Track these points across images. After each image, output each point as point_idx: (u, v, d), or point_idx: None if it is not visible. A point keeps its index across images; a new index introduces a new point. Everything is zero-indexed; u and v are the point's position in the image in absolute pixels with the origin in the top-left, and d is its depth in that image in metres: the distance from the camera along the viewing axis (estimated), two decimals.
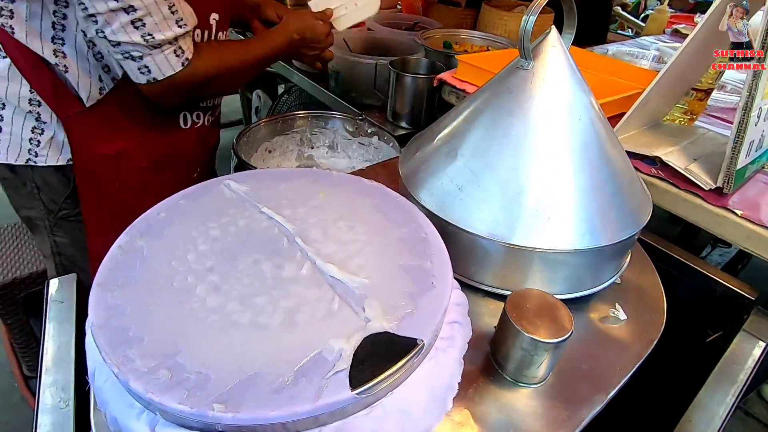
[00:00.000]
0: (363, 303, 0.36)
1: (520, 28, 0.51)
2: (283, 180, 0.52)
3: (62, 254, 0.84)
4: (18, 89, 0.69)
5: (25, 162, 0.74)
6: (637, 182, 0.58)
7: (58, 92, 0.69)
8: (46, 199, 0.78)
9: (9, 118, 0.71)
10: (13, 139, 0.72)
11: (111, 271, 0.37)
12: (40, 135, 0.72)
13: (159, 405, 0.29)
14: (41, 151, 0.74)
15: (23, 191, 0.78)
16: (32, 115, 0.71)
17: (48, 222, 0.81)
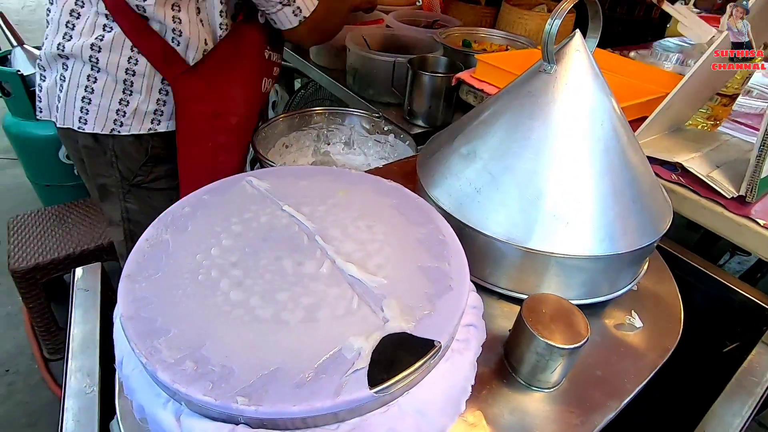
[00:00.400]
0: (381, 303, 0.37)
1: (544, 32, 0.51)
2: (304, 177, 0.53)
3: (131, 220, 0.91)
4: (117, 59, 0.76)
5: (109, 132, 0.81)
6: (657, 189, 0.58)
7: (166, 55, 0.78)
8: (123, 167, 0.85)
9: (100, 90, 0.78)
10: (100, 111, 0.79)
11: (139, 264, 0.39)
12: (126, 106, 0.80)
13: (185, 396, 0.30)
14: (126, 121, 0.81)
15: (102, 159, 0.85)
16: (122, 85, 0.78)
17: (122, 189, 0.87)
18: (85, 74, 0.78)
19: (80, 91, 0.79)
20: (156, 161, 0.87)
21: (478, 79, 1.07)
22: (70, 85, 0.79)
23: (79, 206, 1.60)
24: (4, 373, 1.47)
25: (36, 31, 4.03)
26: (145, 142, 0.84)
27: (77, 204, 1.61)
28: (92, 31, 0.76)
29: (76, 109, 0.80)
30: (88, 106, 0.79)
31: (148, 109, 0.81)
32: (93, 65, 0.77)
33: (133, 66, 0.77)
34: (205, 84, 0.83)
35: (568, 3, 0.50)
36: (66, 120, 0.82)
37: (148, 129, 0.82)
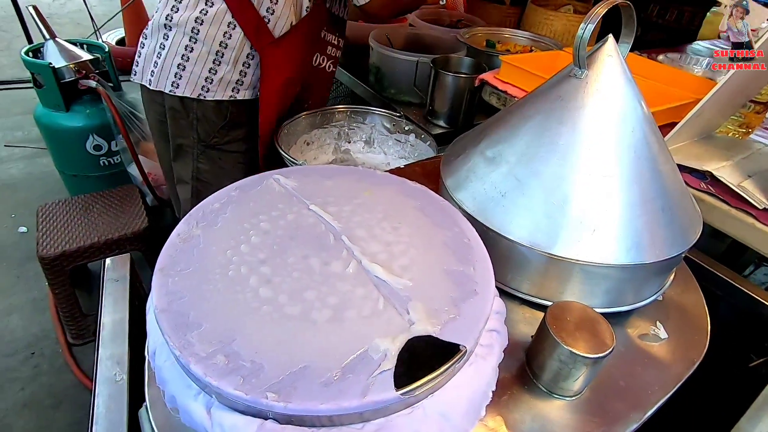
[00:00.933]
0: (407, 305, 0.37)
1: (576, 37, 0.50)
2: (329, 177, 0.53)
3: (200, 179, 1.04)
4: (215, 32, 0.89)
5: (196, 96, 0.93)
6: (688, 198, 0.57)
7: (259, 27, 0.90)
8: (201, 129, 0.98)
9: (195, 59, 0.91)
10: (192, 77, 0.92)
11: (171, 258, 0.40)
12: (214, 75, 0.93)
13: (216, 389, 0.31)
14: (212, 87, 0.93)
15: (184, 122, 0.97)
16: (214, 56, 0.91)
17: (197, 150, 1.00)
18: (184, 44, 0.90)
19: (177, 59, 0.91)
20: (231, 126, 0.99)
21: (501, 81, 1.06)
22: (169, 52, 0.92)
23: (104, 196, 1.65)
24: (30, 356, 1.52)
25: (66, 25, 4.14)
26: (225, 108, 0.96)
27: (102, 194, 1.65)
28: (197, 5, 0.88)
29: (171, 74, 0.92)
30: (182, 72, 0.92)
31: (231, 78, 0.93)
32: (192, 36, 0.89)
33: (226, 40, 0.90)
34: (284, 55, 0.96)
35: (602, 7, 0.49)
36: (159, 83, 0.95)
37: (229, 96, 0.95)
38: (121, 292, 0.56)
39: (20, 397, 1.40)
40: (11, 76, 3.13)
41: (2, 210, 2.09)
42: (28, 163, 2.41)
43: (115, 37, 3.45)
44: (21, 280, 1.78)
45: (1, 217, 2.05)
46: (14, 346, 1.54)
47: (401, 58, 1.24)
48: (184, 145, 1.02)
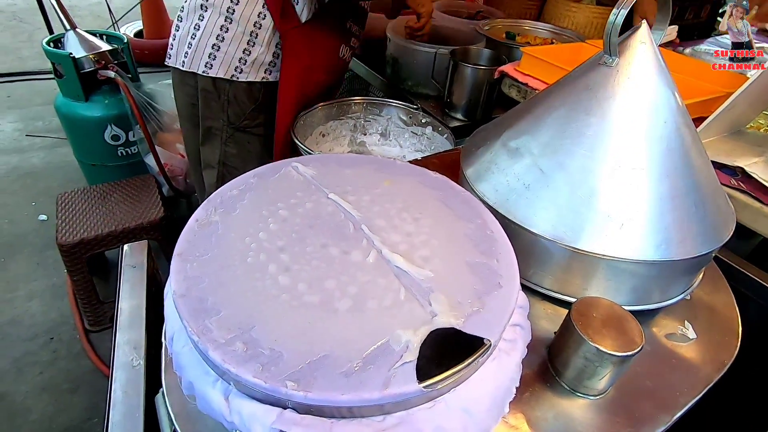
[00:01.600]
0: (429, 296, 0.36)
1: (608, 22, 0.48)
2: (349, 166, 0.52)
3: (226, 164, 1.05)
4: (250, 12, 0.89)
5: (229, 77, 0.94)
6: (721, 194, 0.54)
7: (284, 11, 0.91)
8: (232, 112, 0.98)
9: (230, 39, 0.91)
10: (226, 57, 0.92)
11: (190, 243, 0.39)
12: (248, 56, 0.93)
13: (234, 376, 0.30)
14: (246, 68, 0.94)
15: (216, 104, 0.98)
16: (248, 36, 0.91)
17: (225, 133, 1.01)
18: (219, 24, 0.91)
19: (212, 39, 0.92)
20: (261, 108, 1.00)
21: (522, 73, 1.04)
22: (204, 32, 0.92)
23: (122, 186, 1.67)
24: (49, 341, 1.55)
25: (86, 17, 4.20)
26: (256, 90, 0.97)
27: (120, 183, 1.67)
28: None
29: (205, 55, 0.93)
30: (216, 53, 0.92)
31: (265, 59, 0.94)
32: (227, 17, 0.90)
33: (261, 20, 0.90)
34: (307, 40, 0.95)
35: None
36: (193, 64, 0.96)
37: (261, 78, 0.96)
38: (139, 278, 0.56)
39: (39, 380, 1.43)
40: (33, 67, 3.19)
41: (24, 198, 2.14)
42: (49, 152, 2.45)
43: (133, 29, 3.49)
44: (41, 267, 1.81)
45: (23, 205, 2.10)
46: (34, 331, 1.58)
47: (419, 50, 1.22)
48: (213, 128, 1.03)
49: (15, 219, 2.02)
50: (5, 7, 4.32)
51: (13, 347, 1.52)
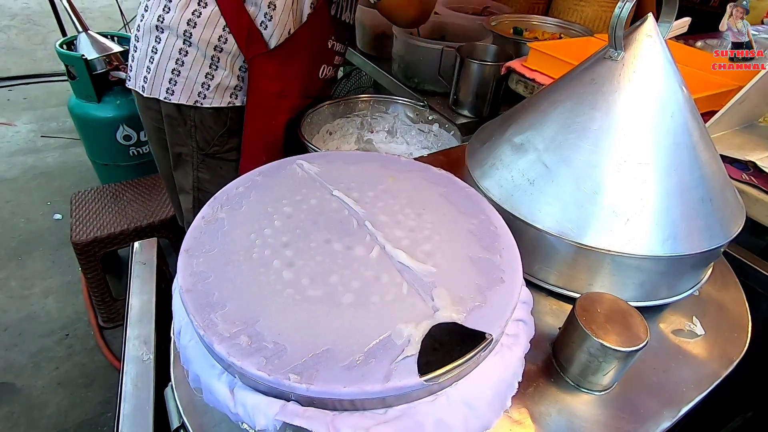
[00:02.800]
0: (431, 291, 0.37)
1: (614, 15, 0.48)
2: (353, 163, 0.53)
3: (200, 189, 0.98)
4: (209, 36, 0.81)
5: (193, 103, 0.86)
6: (730, 189, 0.54)
7: (251, 36, 0.83)
8: (200, 137, 0.91)
9: (190, 63, 0.84)
10: (187, 82, 0.85)
11: (196, 240, 0.40)
12: (210, 80, 0.85)
13: (239, 369, 0.31)
14: (209, 94, 0.86)
15: (182, 129, 0.91)
16: (209, 60, 0.84)
17: (196, 158, 0.94)
18: (177, 47, 0.83)
19: (171, 63, 0.84)
20: (231, 133, 0.92)
21: (529, 68, 1.03)
22: (162, 56, 0.84)
23: (134, 185, 1.69)
24: (65, 337, 1.59)
25: (98, 19, 4.26)
26: (224, 115, 0.90)
27: (132, 183, 1.70)
28: (187, 5, 0.81)
29: (165, 80, 0.86)
30: (177, 78, 0.85)
31: (230, 84, 0.87)
32: (186, 39, 0.82)
33: (222, 44, 0.83)
34: (277, 67, 0.88)
35: None
36: (153, 90, 0.88)
37: (228, 102, 0.88)
38: (149, 274, 0.57)
39: (55, 375, 1.47)
40: (47, 69, 3.25)
41: (39, 197, 2.18)
42: (63, 152, 2.50)
43: None
44: (56, 265, 1.85)
45: (38, 204, 2.14)
46: (50, 327, 1.61)
47: (426, 47, 1.21)
48: (183, 154, 0.96)
49: (31, 217, 2.06)
50: (20, 11, 4.40)
51: (30, 343, 1.56)
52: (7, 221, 2.03)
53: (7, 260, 1.85)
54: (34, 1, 4.60)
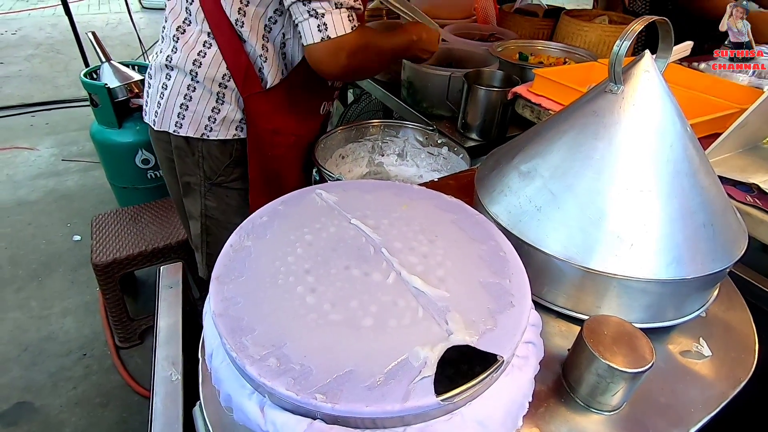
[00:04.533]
0: (445, 315, 0.39)
1: (612, 53, 0.51)
2: (369, 191, 0.56)
3: (208, 216, 1.03)
4: (214, 74, 0.88)
5: (200, 135, 0.92)
6: (731, 213, 0.56)
7: (248, 75, 0.88)
8: (207, 167, 0.97)
9: (197, 99, 0.90)
10: (195, 116, 0.91)
11: (225, 267, 0.43)
12: (217, 114, 0.91)
13: (269, 389, 0.33)
14: (215, 127, 0.92)
15: (190, 160, 0.97)
16: (215, 96, 0.90)
17: (204, 187, 0.99)
18: (186, 84, 0.90)
19: (180, 99, 0.91)
20: (237, 163, 0.98)
21: (535, 94, 1.07)
22: (171, 92, 0.91)
23: (151, 208, 1.75)
24: (82, 357, 1.62)
25: (117, 47, 4.44)
26: (230, 146, 0.95)
27: (149, 206, 1.76)
28: (194, 47, 0.87)
29: (174, 114, 0.92)
30: (185, 112, 0.91)
31: (235, 117, 0.92)
32: (193, 77, 0.89)
33: (226, 81, 0.89)
34: (271, 106, 0.93)
35: (638, 24, 0.50)
36: (163, 124, 0.94)
37: (233, 135, 0.94)
38: (174, 297, 0.60)
39: (73, 395, 1.50)
40: (69, 95, 3.39)
41: (59, 219, 2.25)
42: (83, 175, 2.59)
43: None
44: (75, 285, 1.90)
45: (59, 226, 2.21)
46: (68, 347, 1.65)
47: (434, 73, 1.26)
48: (191, 183, 1.01)
49: (51, 239, 2.13)
50: (44, 40, 4.61)
51: (49, 362, 1.59)
52: (29, 243, 2.10)
53: (29, 281, 1.91)
54: (56, 31, 4.82)
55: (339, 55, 0.82)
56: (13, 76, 3.77)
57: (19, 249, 2.06)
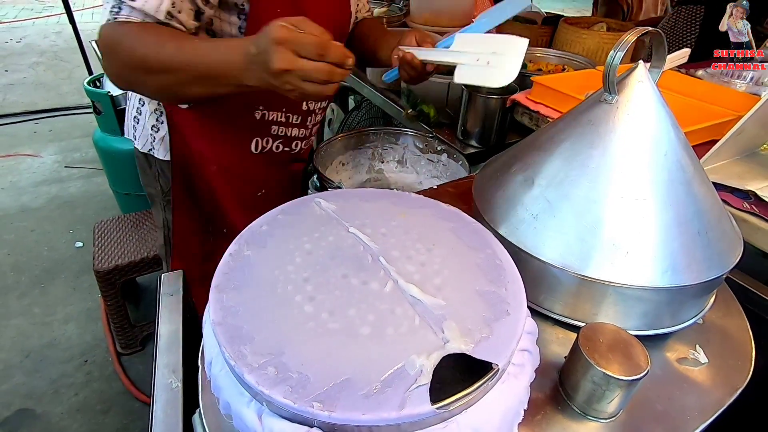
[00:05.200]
0: (441, 324, 0.39)
1: (606, 64, 0.52)
2: (367, 200, 0.56)
3: (169, 228, 1.00)
4: None
5: (147, 151, 0.92)
6: (726, 220, 0.56)
7: None
8: (162, 182, 0.95)
9: (145, 113, 0.90)
10: (143, 132, 0.91)
11: (225, 276, 0.44)
12: (156, 132, 0.90)
13: (267, 397, 0.34)
14: (156, 145, 0.91)
15: (149, 173, 0.97)
16: (156, 114, 0.88)
17: (163, 200, 0.98)
18: (138, 98, 0.91)
19: (133, 112, 0.93)
20: None
21: (533, 101, 1.08)
22: (130, 104, 0.94)
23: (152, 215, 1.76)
24: (83, 363, 1.63)
25: None
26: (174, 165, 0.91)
27: (150, 212, 1.76)
28: None
29: (131, 127, 0.94)
30: (137, 126, 0.92)
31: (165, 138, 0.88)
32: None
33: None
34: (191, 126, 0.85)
35: (632, 35, 0.50)
36: (127, 133, 0.98)
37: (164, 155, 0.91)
38: (175, 305, 0.61)
39: (75, 402, 1.50)
40: (72, 102, 3.42)
41: (62, 226, 2.27)
42: (85, 182, 2.61)
43: None
44: (77, 292, 1.91)
45: (61, 232, 2.23)
46: (70, 353, 1.66)
47: (433, 81, 1.27)
48: (153, 195, 1.01)
49: (54, 245, 2.14)
50: (48, 48, 4.66)
51: (50, 369, 1.60)
52: (32, 249, 2.11)
53: (32, 287, 1.92)
54: (61, 39, 4.88)
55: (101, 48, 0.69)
56: (18, 83, 3.81)
57: (21, 255, 2.07)
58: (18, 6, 6.03)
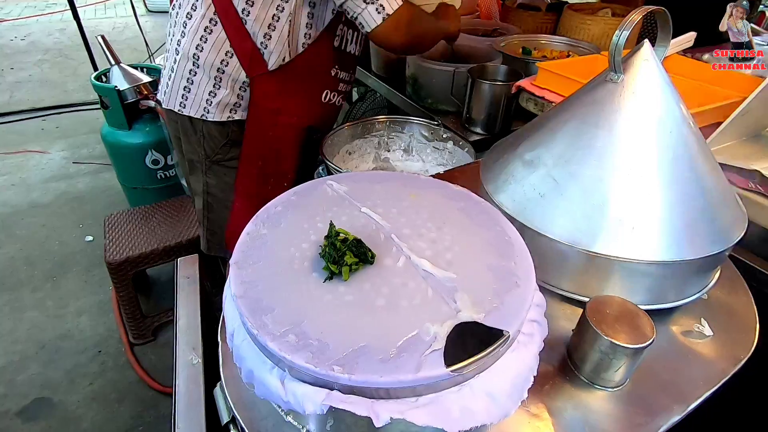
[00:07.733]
0: (453, 295, 0.41)
1: (611, 43, 0.53)
2: (377, 182, 0.58)
3: (209, 193, 1.11)
4: (213, 59, 0.95)
5: (200, 116, 1.01)
6: (731, 197, 0.57)
7: (253, 58, 0.95)
8: (207, 146, 1.05)
9: (198, 81, 0.98)
10: (196, 98, 0.99)
11: (243, 253, 0.45)
12: (213, 97, 0.99)
13: (289, 363, 0.35)
14: (212, 109, 1.00)
15: (193, 139, 1.05)
16: (213, 81, 0.97)
17: (205, 165, 1.07)
18: (188, 68, 0.98)
19: (183, 82, 0.99)
20: (233, 143, 1.05)
21: (538, 87, 1.08)
22: (176, 75, 1.00)
23: (162, 207, 1.78)
24: (97, 354, 1.66)
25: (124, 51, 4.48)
26: (227, 127, 1.03)
27: (160, 205, 1.79)
28: (197, 31, 0.94)
29: (179, 96, 1.01)
30: (188, 94, 1.00)
31: (229, 101, 0.99)
32: (194, 62, 0.96)
33: (224, 66, 0.95)
34: (276, 87, 1.00)
35: (637, 14, 0.51)
36: (170, 103, 1.03)
37: (228, 117, 1.01)
38: (192, 287, 0.63)
39: (89, 391, 1.53)
40: (78, 99, 3.44)
41: (72, 221, 2.30)
42: (93, 177, 2.63)
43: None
44: (88, 285, 1.94)
45: (71, 227, 2.26)
46: (84, 345, 1.69)
47: (438, 69, 1.28)
48: (194, 161, 1.09)
49: (64, 240, 2.17)
50: (53, 45, 4.68)
51: (65, 360, 1.63)
52: (43, 244, 2.14)
53: (44, 281, 1.95)
54: (65, 36, 4.89)
55: (399, 27, 0.92)
56: (24, 81, 3.84)
57: (33, 250, 2.11)
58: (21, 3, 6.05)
